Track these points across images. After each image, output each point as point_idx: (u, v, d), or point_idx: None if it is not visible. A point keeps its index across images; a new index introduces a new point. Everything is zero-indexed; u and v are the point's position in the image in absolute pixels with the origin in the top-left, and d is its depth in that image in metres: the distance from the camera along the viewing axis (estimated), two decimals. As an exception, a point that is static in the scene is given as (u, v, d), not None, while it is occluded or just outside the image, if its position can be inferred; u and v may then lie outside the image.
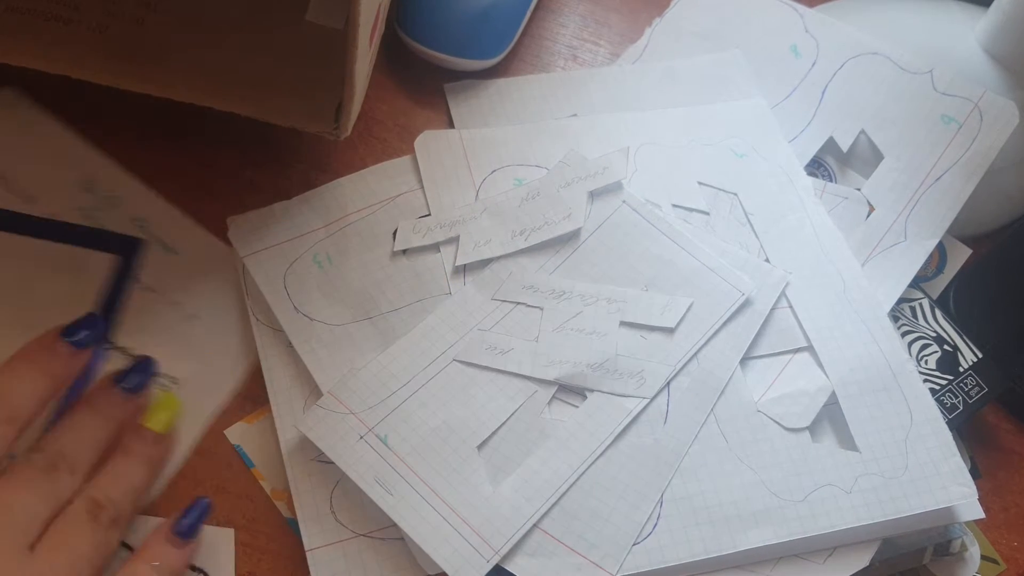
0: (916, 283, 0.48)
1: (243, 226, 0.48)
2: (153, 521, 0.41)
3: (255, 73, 0.48)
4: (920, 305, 0.48)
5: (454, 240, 0.47)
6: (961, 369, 0.46)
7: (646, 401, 0.43)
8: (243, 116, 0.46)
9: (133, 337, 0.46)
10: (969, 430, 0.47)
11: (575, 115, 0.52)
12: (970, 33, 0.53)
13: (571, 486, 0.41)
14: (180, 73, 0.47)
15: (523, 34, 0.56)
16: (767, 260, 0.47)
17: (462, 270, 0.47)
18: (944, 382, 0.46)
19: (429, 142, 0.51)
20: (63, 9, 0.48)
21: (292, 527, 0.43)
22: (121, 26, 0.48)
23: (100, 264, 0.47)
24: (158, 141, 0.50)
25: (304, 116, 0.46)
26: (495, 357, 0.44)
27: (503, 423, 0.43)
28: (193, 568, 0.40)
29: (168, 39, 0.48)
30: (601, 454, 0.42)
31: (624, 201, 0.48)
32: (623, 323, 0.45)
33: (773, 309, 0.46)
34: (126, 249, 0.48)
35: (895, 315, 0.48)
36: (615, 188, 0.48)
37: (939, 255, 0.51)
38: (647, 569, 0.40)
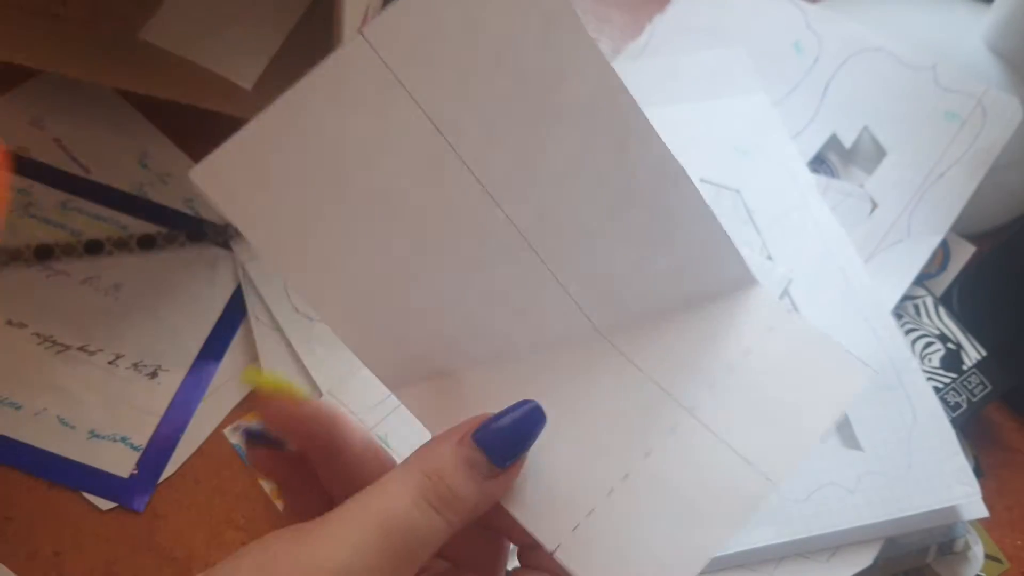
0: (920, 280, 0.48)
1: (242, 225, 0.48)
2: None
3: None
4: (924, 303, 0.48)
5: (454, 238, 0.47)
6: (965, 367, 0.46)
7: (648, 400, 0.43)
8: (234, 116, 0.46)
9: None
10: (972, 429, 0.47)
11: (576, 112, 0.52)
12: (974, 29, 0.53)
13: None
14: (168, 72, 0.47)
15: (523, 30, 0.56)
16: (769, 258, 0.47)
17: (463, 268, 0.47)
18: (948, 380, 0.46)
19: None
20: (52, 4, 0.48)
21: (292, 527, 0.42)
22: (110, 24, 0.48)
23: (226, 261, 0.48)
24: (157, 139, 0.50)
25: None
26: (496, 356, 0.44)
27: (504, 422, 0.42)
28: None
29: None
30: (603, 453, 0.42)
31: (625, 199, 0.48)
32: (625, 322, 0.44)
33: (775, 307, 0.46)
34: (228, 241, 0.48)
35: (898, 313, 0.47)
36: (616, 186, 0.48)
37: (943, 252, 0.51)
38: (649, 569, 0.40)
